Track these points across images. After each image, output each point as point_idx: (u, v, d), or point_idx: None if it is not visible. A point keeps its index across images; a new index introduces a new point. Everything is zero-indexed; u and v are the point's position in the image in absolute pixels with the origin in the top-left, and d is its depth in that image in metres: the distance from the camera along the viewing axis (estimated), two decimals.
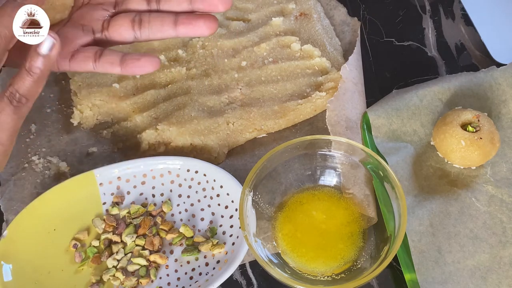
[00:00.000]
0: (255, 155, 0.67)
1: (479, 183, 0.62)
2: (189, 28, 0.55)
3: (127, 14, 0.56)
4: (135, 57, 0.55)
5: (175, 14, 0.55)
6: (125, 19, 0.56)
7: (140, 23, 0.55)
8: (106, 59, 0.54)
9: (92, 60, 0.54)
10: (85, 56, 0.55)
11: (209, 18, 0.54)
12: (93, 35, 0.56)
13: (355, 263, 0.57)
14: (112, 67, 0.55)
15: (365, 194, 0.60)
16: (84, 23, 0.56)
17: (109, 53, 0.55)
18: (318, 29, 0.74)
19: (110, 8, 0.57)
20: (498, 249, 0.58)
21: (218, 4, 0.53)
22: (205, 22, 0.54)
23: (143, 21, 0.55)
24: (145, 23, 0.55)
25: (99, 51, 0.55)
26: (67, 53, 0.55)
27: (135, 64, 0.54)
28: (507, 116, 0.66)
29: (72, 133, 0.69)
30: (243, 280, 0.60)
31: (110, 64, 0.55)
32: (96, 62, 0.54)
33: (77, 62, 0.55)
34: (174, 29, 0.55)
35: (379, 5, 0.79)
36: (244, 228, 0.55)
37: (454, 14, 0.78)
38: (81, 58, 0.55)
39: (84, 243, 0.61)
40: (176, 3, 0.55)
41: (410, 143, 0.65)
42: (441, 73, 0.73)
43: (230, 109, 0.68)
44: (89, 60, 0.54)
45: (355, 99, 0.66)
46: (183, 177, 0.64)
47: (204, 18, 0.55)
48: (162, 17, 0.55)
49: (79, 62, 0.55)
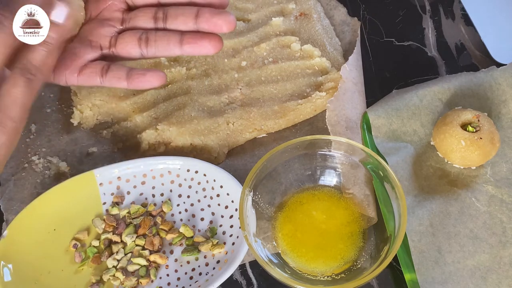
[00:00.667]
0: (255, 155, 0.67)
1: (479, 183, 0.62)
2: (194, 47, 0.55)
3: (134, 32, 0.57)
4: (141, 72, 0.56)
5: (181, 33, 0.56)
6: (132, 37, 0.57)
7: (146, 41, 0.56)
8: (112, 74, 0.56)
9: (99, 75, 0.56)
10: (92, 71, 0.56)
11: (214, 38, 0.55)
12: (101, 51, 0.57)
13: (355, 263, 0.57)
14: (119, 81, 0.56)
15: (365, 194, 0.60)
16: (92, 39, 0.57)
17: (115, 68, 0.56)
18: (318, 29, 0.74)
19: (117, 25, 0.58)
20: (498, 249, 0.58)
21: (223, 25, 0.54)
22: (210, 42, 0.55)
23: (149, 39, 0.56)
24: (151, 41, 0.56)
25: (105, 66, 0.56)
26: (76, 68, 0.55)
27: (141, 79, 0.55)
28: (507, 116, 0.66)
29: (72, 133, 0.69)
30: (243, 280, 0.60)
31: (117, 79, 0.56)
32: (103, 77, 0.56)
33: (85, 77, 0.56)
34: (179, 47, 0.56)
35: (379, 5, 0.79)
36: (244, 228, 0.55)
37: (454, 14, 0.78)
38: (88, 73, 0.56)
39: (84, 243, 0.61)
40: (182, 22, 0.56)
41: (410, 143, 0.65)
42: (441, 73, 0.73)
43: (230, 109, 0.68)
44: (96, 75, 0.56)
45: (355, 99, 0.66)
46: (183, 177, 0.64)
47: (209, 37, 0.55)
48: (168, 36, 0.56)
49: (87, 77, 0.56)
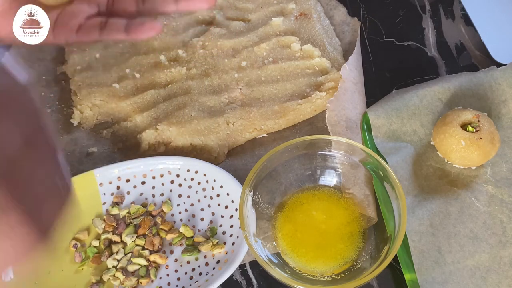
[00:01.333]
0: (255, 155, 0.67)
1: (479, 183, 0.62)
2: (189, 2, 0.57)
3: None
4: (139, 22, 0.56)
5: None
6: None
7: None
8: (111, 27, 0.56)
9: (98, 29, 0.56)
10: (90, 26, 0.56)
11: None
12: (98, 9, 0.58)
13: (355, 263, 0.57)
14: (117, 33, 0.56)
15: (365, 194, 0.60)
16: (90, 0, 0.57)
17: (113, 21, 0.56)
18: (318, 29, 0.74)
19: None
20: (498, 249, 0.58)
21: None
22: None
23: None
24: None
25: (103, 20, 0.56)
26: (74, 26, 0.56)
27: (139, 29, 0.56)
28: (507, 116, 0.66)
29: (72, 133, 0.69)
30: (243, 280, 0.60)
31: (115, 31, 0.56)
32: (102, 30, 0.56)
33: (83, 32, 0.56)
34: (175, 3, 0.57)
35: (379, 5, 0.79)
36: (244, 228, 0.55)
37: (454, 14, 0.78)
38: (87, 28, 0.56)
39: (84, 243, 0.61)
40: None
41: (410, 143, 0.65)
42: (441, 73, 0.73)
43: (230, 109, 0.68)
44: (95, 29, 0.56)
45: (355, 99, 0.66)
46: (183, 177, 0.64)
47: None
48: None
49: (85, 33, 0.56)
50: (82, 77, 0.71)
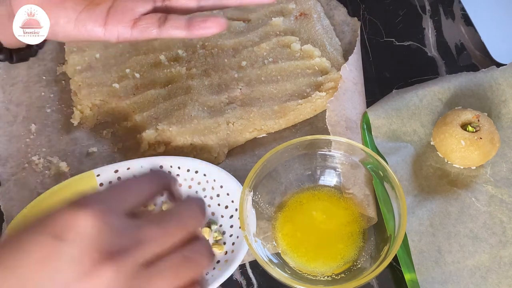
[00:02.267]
0: (255, 155, 0.67)
1: (479, 183, 0.62)
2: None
3: None
4: (201, 19, 0.54)
5: None
6: None
7: None
8: (170, 24, 0.54)
9: (156, 26, 0.54)
10: (148, 22, 0.54)
11: None
12: (154, 4, 0.55)
13: (355, 263, 0.57)
14: (178, 31, 0.54)
15: (365, 194, 0.60)
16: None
17: (174, 17, 0.54)
18: (318, 29, 0.74)
19: None
20: (498, 249, 0.58)
21: None
22: None
23: None
24: None
25: (162, 16, 0.54)
26: (129, 22, 0.54)
27: (201, 25, 0.54)
28: (507, 116, 0.66)
29: (72, 133, 0.69)
30: (243, 280, 0.60)
31: (176, 28, 0.54)
32: (161, 27, 0.54)
33: (140, 29, 0.54)
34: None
35: (379, 5, 0.79)
36: (244, 228, 0.55)
37: (454, 14, 0.78)
38: (143, 25, 0.54)
39: None
40: None
41: (410, 143, 0.65)
42: (441, 73, 0.73)
43: (230, 109, 0.68)
44: (153, 26, 0.54)
45: (355, 99, 0.66)
46: (183, 177, 0.64)
47: None
48: None
49: (142, 30, 0.54)
50: (82, 77, 0.71)
